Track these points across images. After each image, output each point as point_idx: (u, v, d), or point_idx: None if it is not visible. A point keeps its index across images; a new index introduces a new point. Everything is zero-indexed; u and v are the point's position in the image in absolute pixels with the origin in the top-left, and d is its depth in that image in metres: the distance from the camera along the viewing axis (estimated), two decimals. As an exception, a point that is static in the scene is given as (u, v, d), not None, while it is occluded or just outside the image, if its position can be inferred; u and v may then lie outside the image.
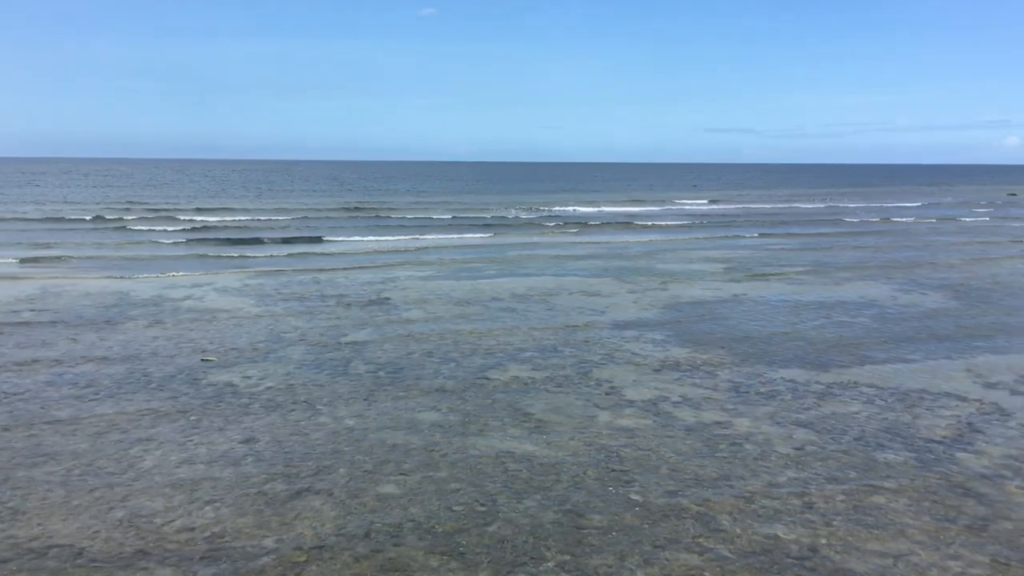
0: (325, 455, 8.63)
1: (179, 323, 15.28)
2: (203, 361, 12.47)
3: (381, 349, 13.36)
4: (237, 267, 24.06)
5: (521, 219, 46.17)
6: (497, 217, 47.32)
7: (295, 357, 12.78)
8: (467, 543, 6.66)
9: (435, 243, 32.46)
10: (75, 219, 40.77)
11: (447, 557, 6.44)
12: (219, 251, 28.82)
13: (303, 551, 6.54)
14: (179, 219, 42.08)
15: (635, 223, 43.04)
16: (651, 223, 43.32)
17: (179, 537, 6.76)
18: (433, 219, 45.44)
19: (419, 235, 35.38)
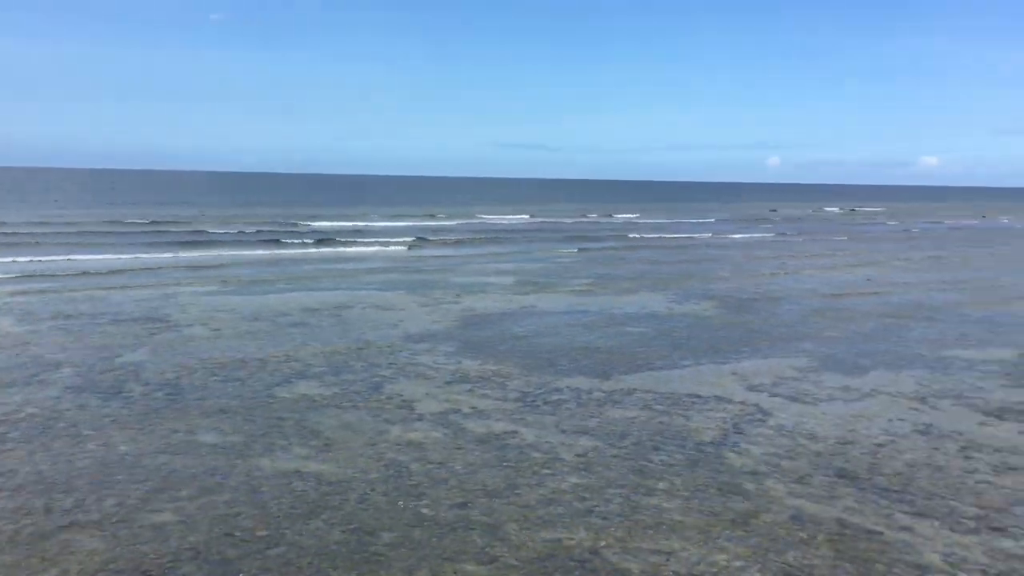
0: (93, 485, 8.05)
1: (-76, 346, 13.80)
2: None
3: (159, 370, 12.66)
4: (-4, 283, 22.06)
5: (311, 229, 45.26)
6: (288, 232, 46.14)
7: (62, 381, 11.87)
8: (248, 569, 6.42)
9: (220, 259, 31.16)
10: None
11: (227, 585, 6.17)
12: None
13: (66, 590, 6.07)
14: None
15: (429, 238, 43.26)
16: (454, 237, 43.71)
17: (-82, 585, 6.08)
18: (214, 232, 43.63)
19: (206, 250, 33.86)
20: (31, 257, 29.07)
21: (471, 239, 42.58)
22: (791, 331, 16.81)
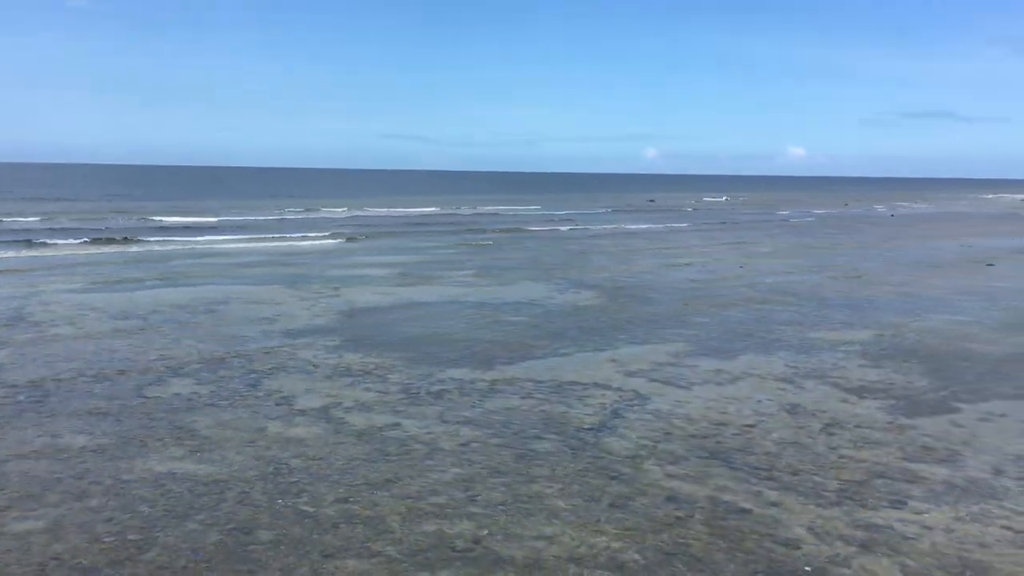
0: (-52, 495, 7.60)
1: None
2: None
3: (21, 371, 12.05)
4: None
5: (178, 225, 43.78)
6: (153, 228, 44.49)
7: (-90, 386, 11.13)
8: (120, 576, 6.19)
9: (85, 255, 29.79)
10: None
11: (97, 594, 5.94)
12: None
13: (-82, 608, 5.72)
14: None
15: (310, 233, 42.50)
16: (337, 230, 43.02)
17: None
18: (82, 229, 41.71)
19: (54, 251, 32.28)
20: None
21: (353, 234, 42.05)
22: (667, 318, 17.30)
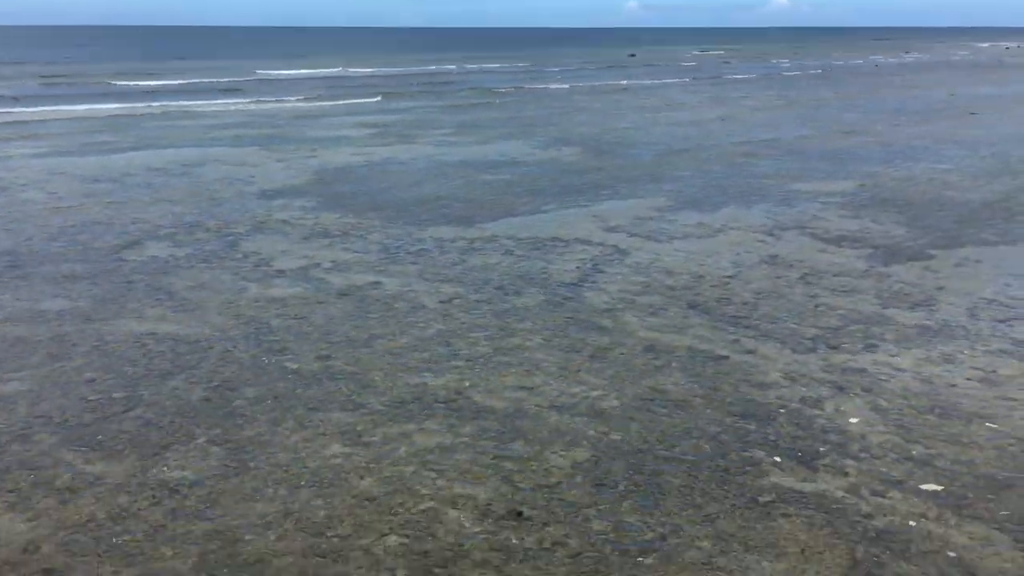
0: (-72, 360, 7.59)
1: None
2: None
3: (-7, 237, 11.87)
4: None
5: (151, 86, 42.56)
6: (122, 85, 43.21)
7: None
8: (106, 432, 6.26)
9: (45, 115, 28.99)
10: None
11: (85, 449, 6.01)
12: None
13: (-93, 467, 5.78)
14: None
15: (282, 95, 41.45)
16: (308, 91, 41.95)
17: None
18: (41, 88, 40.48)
19: (25, 106, 31.39)
20: None
21: (324, 94, 41.04)
22: (649, 173, 17.15)
